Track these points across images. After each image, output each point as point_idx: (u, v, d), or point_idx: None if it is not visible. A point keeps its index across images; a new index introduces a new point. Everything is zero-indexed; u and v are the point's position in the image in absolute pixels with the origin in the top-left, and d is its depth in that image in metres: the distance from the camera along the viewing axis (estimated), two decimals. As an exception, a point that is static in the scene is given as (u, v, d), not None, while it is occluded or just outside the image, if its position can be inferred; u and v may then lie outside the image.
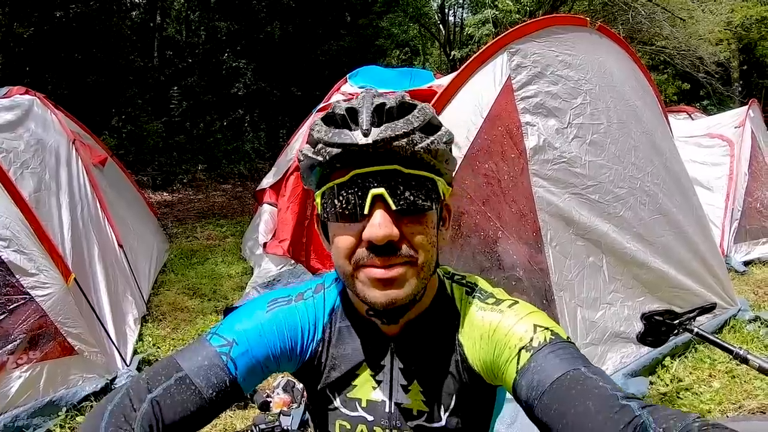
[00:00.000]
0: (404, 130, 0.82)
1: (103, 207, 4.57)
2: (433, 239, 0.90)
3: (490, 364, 0.94)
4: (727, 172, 6.63)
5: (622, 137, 3.62)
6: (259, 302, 1.03)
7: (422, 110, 0.87)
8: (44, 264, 3.13)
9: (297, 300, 1.05)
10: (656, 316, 1.92)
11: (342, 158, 0.84)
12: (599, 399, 0.76)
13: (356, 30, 15.07)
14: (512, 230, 3.07)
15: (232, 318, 1.00)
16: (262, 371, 0.97)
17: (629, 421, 0.71)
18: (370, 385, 1.03)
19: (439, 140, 0.87)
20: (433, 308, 1.01)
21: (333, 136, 0.84)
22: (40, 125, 4.27)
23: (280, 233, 4.91)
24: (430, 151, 0.86)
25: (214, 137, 13.23)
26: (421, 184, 0.86)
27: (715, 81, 15.64)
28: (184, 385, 0.86)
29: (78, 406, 3.18)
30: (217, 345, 0.92)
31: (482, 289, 1.04)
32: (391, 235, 0.83)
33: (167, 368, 0.89)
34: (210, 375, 0.88)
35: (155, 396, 0.84)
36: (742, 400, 3.41)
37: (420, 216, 0.87)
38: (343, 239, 0.88)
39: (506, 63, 3.18)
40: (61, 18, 10.42)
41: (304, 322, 1.02)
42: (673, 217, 3.85)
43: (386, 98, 0.86)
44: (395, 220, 0.84)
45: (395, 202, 0.83)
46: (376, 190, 0.83)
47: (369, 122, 0.83)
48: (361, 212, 0.84)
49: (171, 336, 4.39)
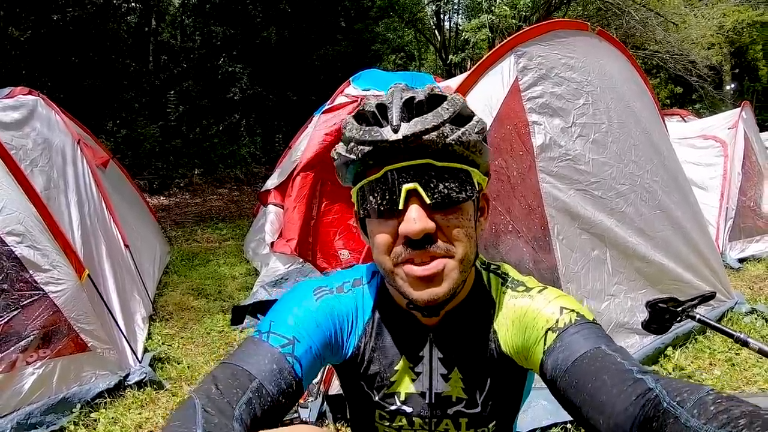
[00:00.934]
0: (434, 123, 0.83)
1: (108, 207, 4.58)
2: (470, 231, 0.90)
3: (521, 346, 0.96)
4: (721, 172, 6.76)
5: (623, 136, 3.71)
6: (301, 291, 1.03)
7: (452, 101, 0.87)
8: (58, 260, 3.12)
9: (338, 292, 1.05)
10: (660, 303, 1.98)
11: (374, 155, 0.86)
12: (615, 373, 0.78)
13: (352, 35, 15.12)
14: (521, 224, 3.14)
15: (281, 312, 0.98)
16: (319, 365, 0.97)
17: (642, 393, 0.73)
18: (408, 378, 1.04)
19: (471, 131, 0.87)
20: (471, 298, 1.03)
21: (364, 133, 0.85)
22: (45, 125, 4.27)
23: (286, 233, 4.95)
24: (462, 142, 0.85)
25: (210, 141, 13.24)
26: (454, 177, 0.86)
27: (708, 84, 15.80)
28: (261, 397, 0.82)
29: (92, 403, 3.17)
30: (279, 345, 0.90)
31: (514, 279, 1.06)
32: (426, 229, 0.83)
33: (238, 378, 0.83)
34: (280, 380, 0.86)
35: (241, 414, 0.78)
36: (742, 386, 3.51)
37: (455, 208, 0.88)
38: (381, 236, 0.89)
39: (513, 65, 3.25)
40: (57, 21, 10.44)
41: (348, 314, 1.03)
42: (671, 212, 3.95)
43: (415, 92, 0.88)
44: (430, 214, 0.85)
45: (429, 195, 0.84)
46: (410, 185, 0.83)
47: (398, 117, 0.83)
48: (396, 208, 0.85)
49: (179, 335, 4.42)
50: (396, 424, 1.07)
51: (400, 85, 0.91)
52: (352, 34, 15.16)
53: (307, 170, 4.79)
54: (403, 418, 1.06)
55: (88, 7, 10.98)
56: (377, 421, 1.09)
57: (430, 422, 1.06)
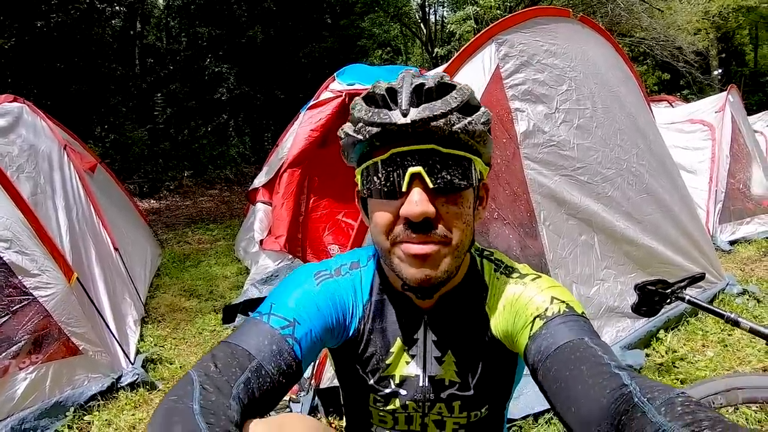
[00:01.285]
0: (442, 110, 0.84)
1: (97, 211, 4.57)
2: (468, 219, 0.93)
3: (509, 331, 0.99)
4: (710, 155, 6.80)
5: (607, 121, 3.72)
6: (302, 275, 1.05)
7: (461, 91, 0.89)
8: (46, 264, 3.11)
9: (336, 275, 1.06)
10: (649, 286, 1.99)
11: (381, 137, 0.88)
12: (593, 365, 0.80)
13: (338, 31, 15.12)
14: (507, 211, 3.15)
15: (282, 294, 0.99)
16: (318, 348, 0.98)
17: (616, 387, 0.75)
18: (403, 360, 1.07)
19: (477, 121, 0.89)
20: (465, 282, 1.05)
21: (373, 115, 0.87)
22: (31, 131, 4.25)
23: (275, 229, 4.96)
24: (468, 131, 0.87)
25: (199, 143, 13.21)
26: (458, 164, 0.89)
27: (695, 70, 15.81)
28: (260, 377, 0.83)
29: (85, 406, 3.16)
30: (279, 327, 0.91)
31: (507, 265, 1.08)
32: (427, 212, 0.85)
33: (237, 357, 0.84)
34: (280, 361, 0.87)
35: (239, 393, 0.78)
36: (735, 366, 3.53)
37: (456, 195, 0.90)
38: (382, 215, 0.91)
39: (494, 53, 3.25)
40: (42, 28, 10.34)
41: (348, 297, 1.05)
42: (659, 196, 3.97)
43: (425, 78, 0.89)
44: (432, 199, 0.87)
45: (432, 180, 0.86)
46: (414, 168, 0.85)
47: (408, 102, 0.85)
48: (399, 189, 0.87)
49: (172, 336, 4.41)
50: (390, 407, 1.09)
51: (410, 71, 0.92)
52: (337, 31, 15.16)
53: (294, 166, 4.80)
54: (397, 401, 1.08)
55: (72, 13, 10.89)
56: (371, 405, 1.10)
57: (424, 406, 1.08)
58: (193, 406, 0.70)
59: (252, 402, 0.80)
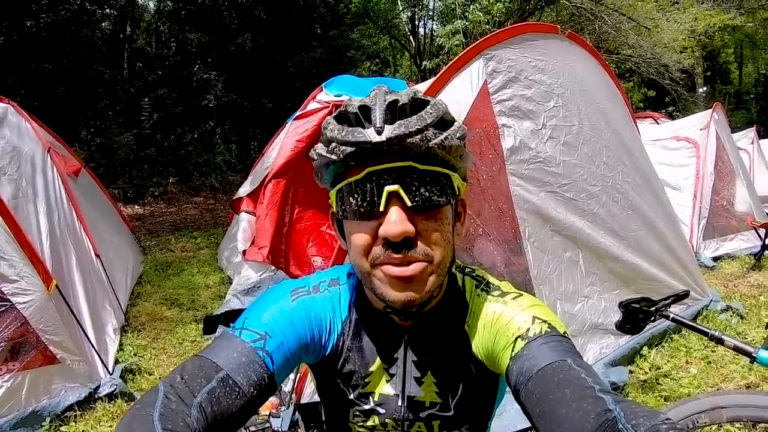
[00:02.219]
0: (417, 126, 0.82)
1: (79, 216, 4.51)
2: (448, 235, 0.91)
3: (491, 351, 0.97)
4: (694, 172, 6.90)
5: (594, 138, 3.74)
6: (278, 292, 1.03)
7: (435, 106, 0.87)
8: (25, 270, 3.06)
9: (314, 292, 1.05)
10: (633, 303, 2.00)
11: (356, 156, 0.85)
12: (577, 389, 0.78)
13: (327, 41, 15.15)
14: (492, 227, 3.15)
15: (256, 310, 0.98)
16: (293, 363, 0.96)
17: (600, 412, 0.73)
18: (383, 379, 1.05)
19: (453, 136, 0.87)
20: (445, 300, 1.02)
21: (346, 134, 0.85)
22: (15, 133, 4.20)
23: (259, 240, 4.93)
24: (444, 146, 0.86)
25: (185, 149, 13.12)
26: (435, 180, 0.86)
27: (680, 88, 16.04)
28: (227, 387, 0.83)
29: (61, 416, 3.11)
30: (250, 340, 0.90)
31: (489, 282, 1.06)
32: (406, 232, 0.83)
33: (204, 368, 0.84)
34: (250, 372, 0.86)
35: (201, 402, 0.79)
36: (719, 383, 3.56)
37: (435, 212, 0.88)
38: (360, 237, 0.88)
39: (482, 68, 3.27)
40: (31, 27, 10.26)
41: (325, 314, 1.03)
42: (644, 212, 4.01)
43: (398, 95, 0.87)
44: (411, 217, 0.85)
45: (410, 198, 0.84)
46: (391, 187, 0.83)
47: (382, 119, 0.83)
48: (376, 209, 0.85)
49: (152, 345, 4.35)
50: (370, 423, 1.07)
51: (383, 88, 0.90)
52: (327, 41, 15.20)
53: (278, 177, 4.78)
54: (377, 419, 1.06)
55: (63, 13, 10.82)
56: (351, 420, 1.09)
57: (403, 424, 1.06)
58: (153, 414, 0.73)
59: (218, 412, 0.80)
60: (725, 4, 19.26)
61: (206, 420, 0.77)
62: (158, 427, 0.71)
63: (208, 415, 0.78)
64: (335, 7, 16.30)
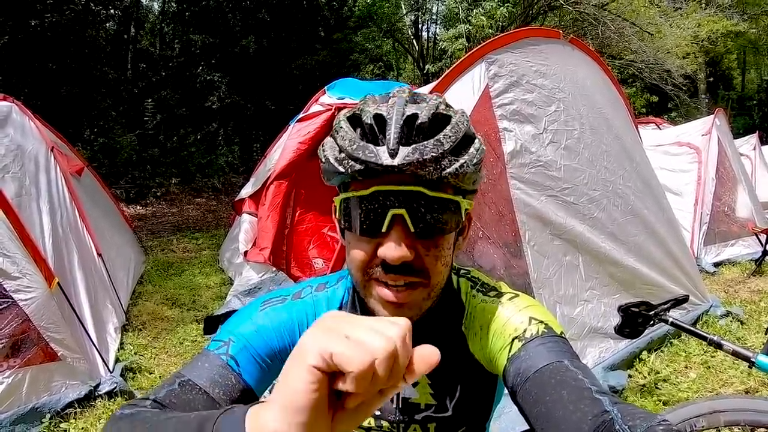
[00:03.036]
0: (433, 154, 0.79)
1: (81, 215, 4.53)
2: (448, 260, 0.89)
3: (488, 352, 0.97)
4: (696, 177, 6.90)
5: (595, 143, 3.76)
6: (252, 305, 1.03)
7: (456, 127, 0.83)
8: (27, 267, 3.08)
9: (294, 298, 1.04)
10: (632, 307, 2.00)
11: (364, 173, 0.81)
12: (574, 390, 0.79)
13: (330, 44, 15.13)
14: (492, 230, 3.17)
15: (228, 323, 0.99)
16: (266, 368, 0.95)
17: (598, 414, 0.73)
18: None
19: (470, 162, 0.83)
20: (440, 302, 0.98)
21: (357, 149, 0.81)
22: (19, 131, 4.24)
23: (260, 241, 4.94)
24: (458, 174, 0.82)
25: (187, 150, 13.14)
26: (443, 207, 0.83)
27: (683, 93, 16.02)
28: (188, 386, 0.85)
29: (61, 413, 3.13)
30: (214, 348, 0.92)
31: (485, 283, 1.06)
32: (405, 257, 0.81)
33: (169, 379, 0.88)
34: (213, 374, 0.87)
35: (158, 397, 0.82)
36: (718, 388, 3.57)
37: (438, 238, 0.85)
38: (359, 252, 0.86)
39: (484, 72, 3.28)
40: (35, 27, 10.27)
41: (301, 320, 1.01)
42: (644, 217, 4.01)
43: (419, 108, 0.82)
44: (412, 241, 0.83)
45: (414, 224, 0.81)
46: (397, 210, 0.80)
47: (396, 140, 0.79)
48: (379, 229, 0.82)
49: (152, 345, 4.37)
50: (365, 425, 1.07)
51: (405, 93, 0.86)
52: (330, 44, 15.18)
53: (281, 179, 4.79)
54: (372, 421, 1.06)
55: (67, 13, 10.83)
56: None
57: (398, 427, 1.06)
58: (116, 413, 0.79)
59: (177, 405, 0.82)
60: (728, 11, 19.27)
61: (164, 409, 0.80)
62: (117, 412, 0.78)
63: (165, 406, 0.81)
64: (339, 11, 16.30)
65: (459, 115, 0.86)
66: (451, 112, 0.86)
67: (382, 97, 0.88)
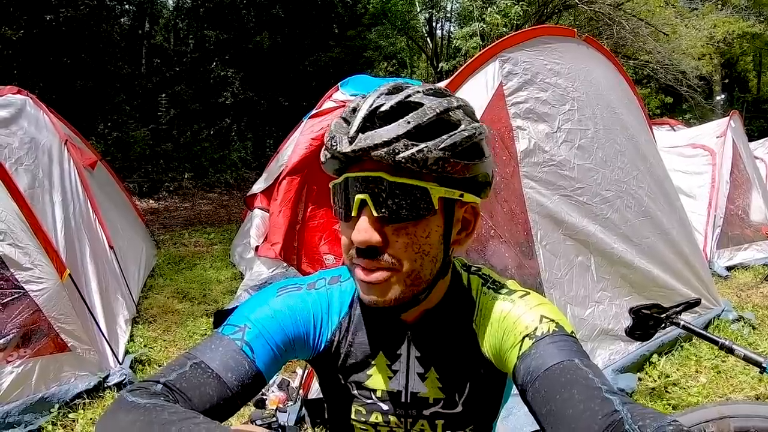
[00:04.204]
0: (384, 139, 0.79)
1: (94, 208, 4.56)
2: (424, 247, 0.88)
3: (498, 349, 0.96)
4: (709, 180, 6.81)
5: (608, 143, 3.72)
6: (269, 290, 1.04)
7: (421, 113, 0.82)
8: (39, 259, 3.10)
9: (309, 288, 1.05)
10: (644, 310, 1.98)
11: (337, 160, 0.87)
12: (584, 389, 0.78)
13: (344, 42, 15.19)
14: (504, 229, 3.15)
15: (243, 307, 1.00)
16: (279, 355, 0.96)
17: (608, 413, 0.73)
18: (385, 375, 1.04)
19: (434, 147, 0.81)
20: (449, 297, 1.02)
21: (330, 140, 0.86)
22: (33, 124, 4.26)
23: (272, 237, 4.93)
24: (416, 160, 0.80)
25: (201, 146, 13.24)
26: (407, 193, 0.83)
27: (698, 95, 15.83)
28: (200, 369, 0.85)
29: (70, 403, 3.15)
30: (229, 333, 0.92)
31: (496, 281, 1.05)
32: (369, 241, 0.83)
33: (179, 359, 0.88)
34: (227, 359, 0.87)
35: (169, 380, 0.82)
36: (728, 393, 3.52)
37: (408, 224, 0.85)
38: (343, 237, 0.91)
39: (498, 70, 3.26)
40: (50, 22, 10.37)
41: (316, 310, 1.03)
42: (657, 219, 3.97)
43: (389, 98, 0.84)
44: (381, 227, 0.85)
45: (377, 209, 0.83)
46: (360, 195, 0.83)
47: (357, 128, 0.82)
48: (350, 214, 0.86)
49: (162, 337, 4.39)
50: (372, 420, 1.07)
51: (386, 86, 0.88)
52: (344, 41, 15.24)
53: (293, 174, 4.78)
54: (379, 415, 1.06)
55: (82, 8, 10.92)
56: (353, 417, 1.08)
57: (406, 422, 1.06)
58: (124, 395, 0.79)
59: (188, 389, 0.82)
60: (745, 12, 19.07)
61: (173, 392, 0.80)
62: (124, 394, 0.78)
63: (176, 389, 0.81)
64: (353, 8, 16.35)
65: (433, 101, 0.85)
66: (427, 100, 0.85)
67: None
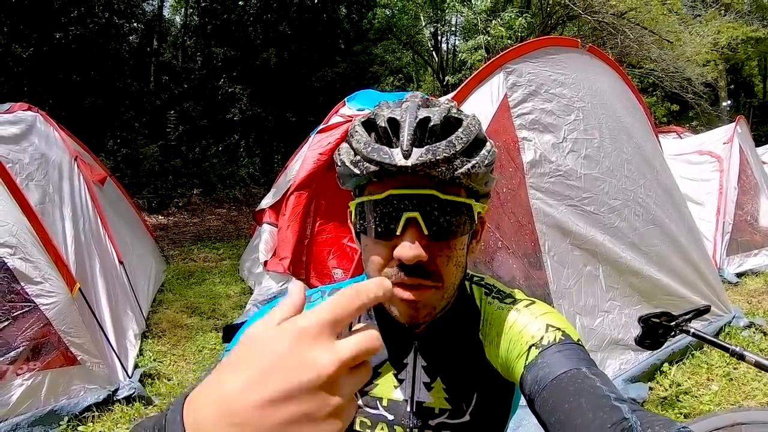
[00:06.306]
0: (446, 154, 0.80)
1: (104, 223, 4.59)
2: (461, 260, 0.91)
3: (505, 359, 0.96)
4: (717, 187, 6.79)
5: (615, 151, 3.73)
6: (262, 311, 1.04)
7: (467, 130, 0.85)
8: (49, 273, 3.13)
9: (308, 302, 1.02)
10: (653, 318, 1.96)
11: (379, 174, 0.84)
12: (593, 397, 0.78)
13: (351, 57, 15.27)
14: (511, 240, 3.15)
15: (252, 322, 1.01)
16: None
17: (617, 422, 0.72)
18: (391, 384, 1.04)
19: (481, 163, 0.85)
20: (455, 308, 1.02)
21: (372, 151, 0.83)
22: (43, 140, 4.31)
23: (280, 251, 4.95)
24: (470, 175, 0.84)
25: (209, 161, 13.31)
26: (456, 210, 0.85)
27: (704, 101, 15.77)
28: None
29: (79, 417, 3.16)
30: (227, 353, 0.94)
31: (500, 290, 1.06)
32: (420, 256, 0.83)
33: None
34: None
35: None
36: (741, 401, 3.49)
37: (451, 240, 0.87)
38: (375, 257, 0.89)
39: (503, 82, 3.29)
40: (60, 39, 10.51)
41: None
42: (666, 227, 3.96)
43: (431, 112, 0.84)
44: (426, 242, 0.84)
45: (428, 227, 0.83)
46: (411, 213, 0.83)
47: (410, 142, 0.81)
48: (393, 232, 0.84)
49: (171, 352, 4.39)
50: (378, 431, 1.06)
51: (417, 98, 0.89)
52: (350, 56, 15.32)
53: (301, 189, 4.80)
54: (385, 426, 1.05)
55: (91, 27, 11.08)
56: (358, 429, 1.07)
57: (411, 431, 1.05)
58: None
59: None
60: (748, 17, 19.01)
61: None
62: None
63: None
64: (359, 23, 16.47)
65: (470, 119, 0.88)
66: (463, 115, 0.88)
67: (396, 102, 0.90)
